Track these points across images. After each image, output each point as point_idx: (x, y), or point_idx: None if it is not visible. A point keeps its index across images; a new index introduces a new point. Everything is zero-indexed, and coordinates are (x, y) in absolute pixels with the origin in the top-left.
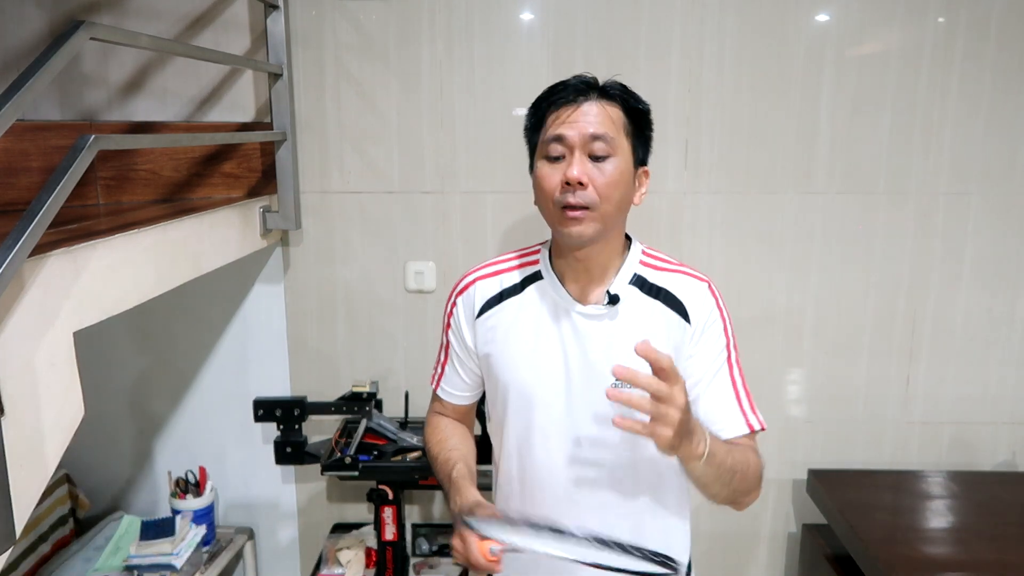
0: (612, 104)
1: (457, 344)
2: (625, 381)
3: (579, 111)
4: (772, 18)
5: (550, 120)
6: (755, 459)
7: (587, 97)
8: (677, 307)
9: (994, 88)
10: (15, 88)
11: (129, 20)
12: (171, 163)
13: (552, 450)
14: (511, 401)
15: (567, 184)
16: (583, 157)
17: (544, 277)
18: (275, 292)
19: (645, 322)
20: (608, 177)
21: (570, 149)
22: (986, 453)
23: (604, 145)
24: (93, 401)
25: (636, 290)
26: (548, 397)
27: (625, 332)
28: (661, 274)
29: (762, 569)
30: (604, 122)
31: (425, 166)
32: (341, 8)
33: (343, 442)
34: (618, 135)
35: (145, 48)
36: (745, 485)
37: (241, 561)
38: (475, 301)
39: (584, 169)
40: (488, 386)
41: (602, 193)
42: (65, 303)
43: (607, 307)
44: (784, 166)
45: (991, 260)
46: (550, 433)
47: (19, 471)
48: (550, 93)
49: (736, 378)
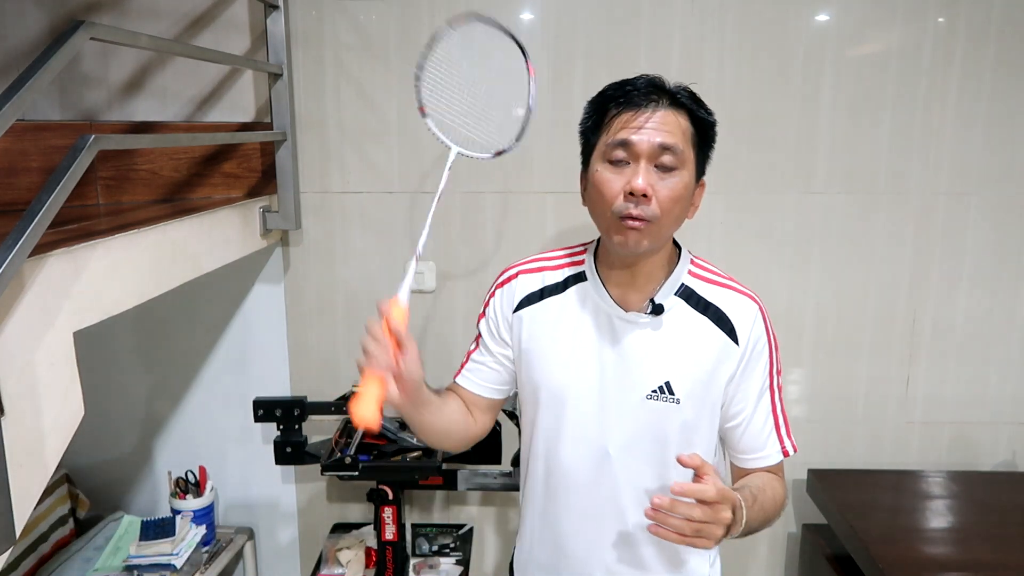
0: (680, 112)
1: (488, 335)
2: (661, 516)
3: (648, 117)
4: (772, 18)
5: (616, 122)
6: (780, 490)
7: (657, 102)
8: (726, 326)
9: (994, 88)
10: (15, 88)
11: (129, 20)
12: (171, 163)
13: (580, 455)
14: (542, 400)
15: (630, 194)
16: (649, 167)
17: (588, 279)
18: (275, 292)
19: (690, 337)
20: (673, 191)
21: (635, 157)
22: (986, 453)
23: (672, 157)
24: (93, 401)
25: (682, 302)
26: (580, 401)
27: (667, 344)
28: (710, 287)
29: (762, 569)
30: (674, 132)
31: (425, 166)
32: (341, 8)
33: (343, 442)
34: (686, 147)
35: (145, 48)
36: (770, 523)
37: (241, 561)
38: (515, 294)
39: (650, 180)
40: (520, 382)
41: (664, 207)
42: (65, 303)
43: (650, 316)
44: (784, 166)
45: (991, 260)
46: (579, 437)
47: (19, 471)
48: (616, 92)
49: (777, 403)
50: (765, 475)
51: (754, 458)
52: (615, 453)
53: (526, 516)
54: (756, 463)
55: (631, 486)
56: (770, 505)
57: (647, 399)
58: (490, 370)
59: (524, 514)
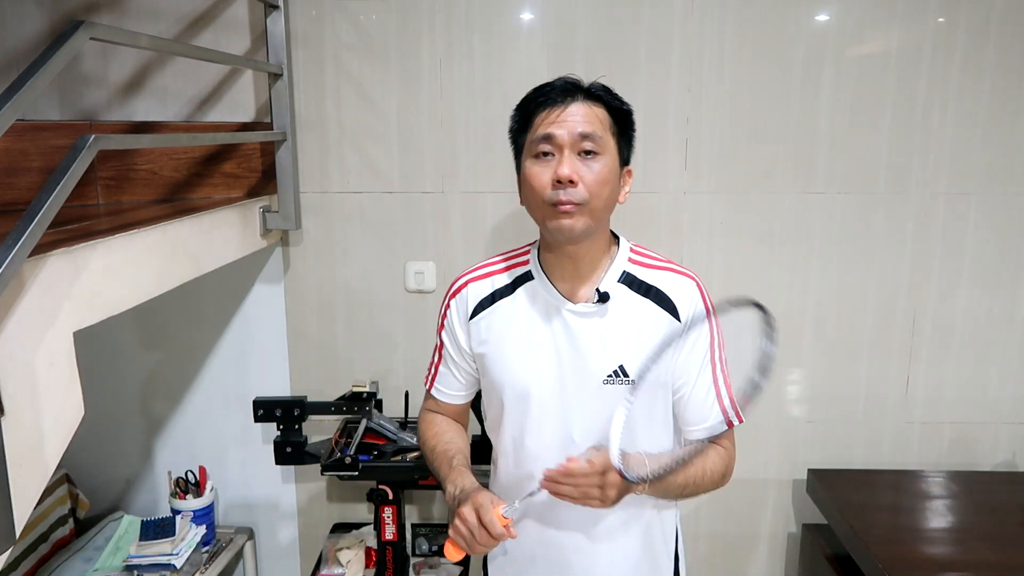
0: (597, 104)
1: (451, 345)
2: (554, 488)
3: (567, 111)
4: (772, 18)
5: (538, 120)
6: (718, 459)
7: (573, 98)
8: (667, 305)
9: (994, 88)
10: (15, 88)
11: (129, 20)
12: (171, 163)
13: (545, 445)
14: (506, 399)
15: (558, 182)
16: (572, 156)
17: (534, 277)
18: (275, 292)
19: (635, 320)
20: (597, 175)
21: (559, 148)
22: (986, 453)
23: (592, 144)
24: (93, 401)
25: (625, 288)
26: (542, 395)
27: (616, 329)
28: (650, 272)
29: (762, 569)
30: (592, 121)
31: (425, 166)
32: (341, 8)
33: (343, 442)
34: (605, 134)
35: (145, 48)
36: (701, 491)
37: (241, 561)
38: (468, 303)
39: (574, 167)
40: (484, 385)
41: (592, 190)
42: (65, 303)
43: (597, 305)
44: (784, 166)
45: (991, 260)
46: (544, 429)
47: (19, 471)
48: (536, 94)
49: (719, 375)
50: (704, 444)
51: (697, 429)
52: (579, 439)
53: None
54: (700, 433)
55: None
56: (698, 471)
57: (604, 384)
58: (460, 380)
59: None
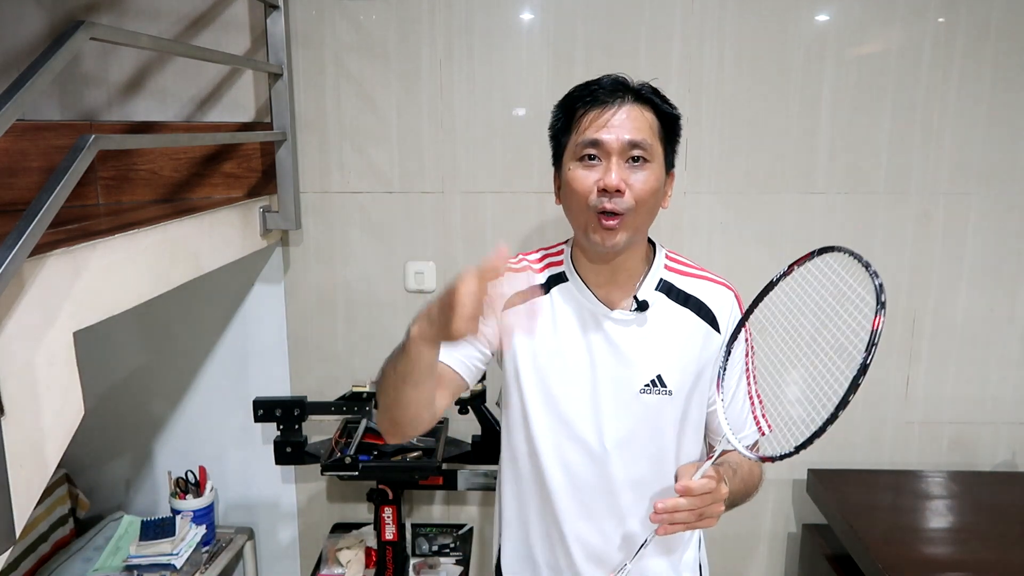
0: (645, 108)
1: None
2: (671, 519)
3: (614, 114)
4: (772, 18)
5: (584, 122)
6: (756, 466)
7: (622, 99)
8: (707, 316)
9: (994, 88)
10: (15, 88)
11: (129, 20)
12: (171, 163)
13: (576, 452)
14: (534, 402)
15: (603, 191)
16: (620, 163)
17: (568, 279)
18: (275, 292)
19: (674, 329)
20: (645, 184)
21: (607, 155)
22: (986, 453)
23: (642, 151)
24: (93, 401)
25: (663, 296)
26: (575, 402)
27: (655, 338)
28: (687, 280)
29: (762, 569)
30: (641, 128)
31: (425, 166)
32: (341, 8)
33: (343, 442)
34: (654, 141)
35: (145, 48)
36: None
37: (241, 561)
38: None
39: (622, 176)
40: (508, 385)
41: (639, 199)
42: (65, 303)
43: (635, 313)
44: (784, 166)
45: (991, 260)
46: (575, 436)
47: (19, 471)
48: (583, 92)
49: (752, 385)
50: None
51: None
52: (612, 448)
53: (513, 516)
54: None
55: (628, 480)
56: (748, 478)
57: (640, 393)
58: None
59: (509, 514)
